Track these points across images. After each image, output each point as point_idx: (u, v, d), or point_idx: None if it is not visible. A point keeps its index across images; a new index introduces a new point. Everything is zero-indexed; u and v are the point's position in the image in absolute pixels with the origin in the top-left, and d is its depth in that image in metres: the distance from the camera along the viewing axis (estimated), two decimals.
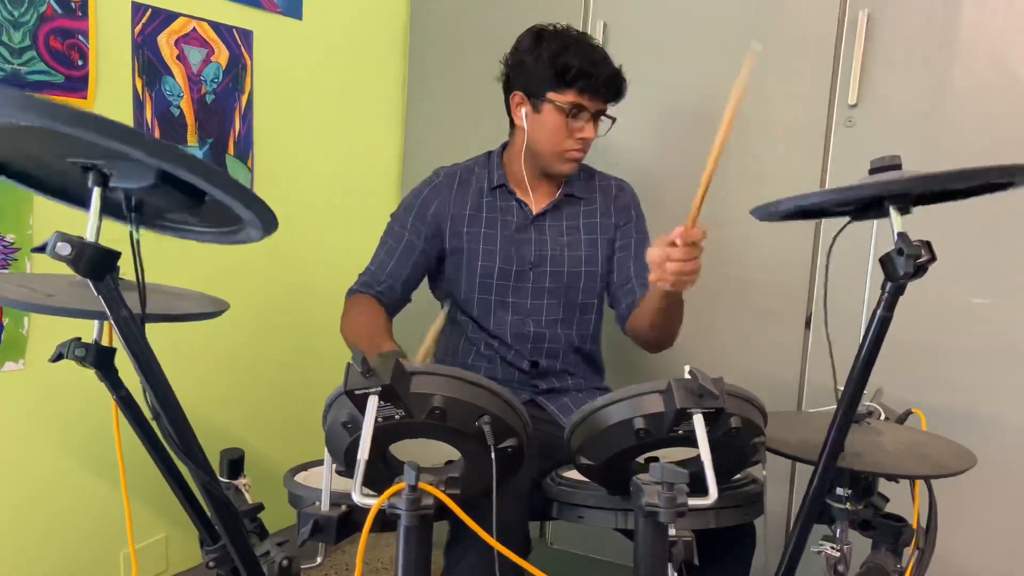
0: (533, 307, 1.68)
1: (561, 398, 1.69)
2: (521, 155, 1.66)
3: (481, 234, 1.67)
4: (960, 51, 1.75)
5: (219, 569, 1.19)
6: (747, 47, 1.94)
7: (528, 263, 1.67)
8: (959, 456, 1.25)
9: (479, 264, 1.66)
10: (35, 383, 1.63)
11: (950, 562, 1.75)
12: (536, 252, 1.67)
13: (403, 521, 0.91)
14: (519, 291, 1.68)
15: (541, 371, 1.69)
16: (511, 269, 1.66)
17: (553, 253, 1.68)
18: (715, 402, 1.02)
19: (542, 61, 1.57)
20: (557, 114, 1.58)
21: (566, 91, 1.57)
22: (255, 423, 2.15)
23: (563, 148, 1.61)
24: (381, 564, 2.33)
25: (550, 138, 1.60)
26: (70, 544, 1.73)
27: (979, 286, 1.76)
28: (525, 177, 1.69)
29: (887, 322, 1.06)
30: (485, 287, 1.67)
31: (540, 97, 1.59)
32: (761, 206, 1.15)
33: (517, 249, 1.67)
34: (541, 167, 1.66)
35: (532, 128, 1.61)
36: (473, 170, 1.73)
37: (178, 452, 1.03)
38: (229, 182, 0.90)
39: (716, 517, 1.19)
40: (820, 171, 1.90)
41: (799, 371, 1.95)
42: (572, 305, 1.71)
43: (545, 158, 1.64)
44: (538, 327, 1.68)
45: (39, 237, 1.57)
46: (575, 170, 1.67)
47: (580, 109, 1.58)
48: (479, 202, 1.68)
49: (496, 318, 1.67)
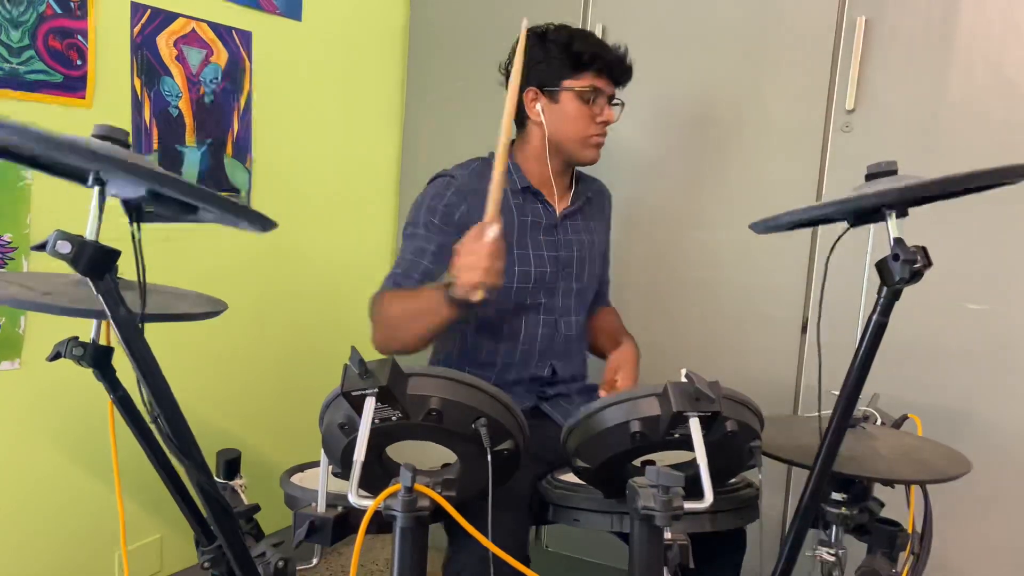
0: (564, 308, 1.68)
1: (562, 404, 1.68)
2: (542, 153, 1.64)
3: (513, 239, 1.61)
4: (957, 56, 1.76)
5: (214, 570, 1.19)
6: (745, 52, 1.96)
7: (560, 265, 1.66)
8: (954, 461, 1.26)
9: (515, 270, 1.61)
10: (31, 382, 1.63)
11: (945, 567, 1.76)
12: (564, 253, 1.67)
13: (399, 523, 0.91)
14: (551, 293, 1.66)
15: (557, 378, 1.68)
16: (545, 272, 1.64)
17: (579, 254, 1.69)
18: (711, 406, 1.02)
19: (553, 53, 1.58)
20: (576, 101, 1.59)
21: (582, 76, 1.58)
22: (252, 424, 2.15)
23: (587, 134, 1.61)
24: (376, 566, 2.33)
25: (573, 126, 1.60)
26: (65, 544, 1.73)
27: (975, 292, 1.76)
28: (551, 176, 1.67)
29: (883, 327, 1.06)
30: (520, 292, 1.62)
31: (556, 87, 1.59)
32: (760, 221, 1.15)
33: (547, 251, 1.65)
34: (566, 158, 1.65)
35: (552, 120, 1.61)
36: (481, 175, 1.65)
37: (175, 452, 1.03)
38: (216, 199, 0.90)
39: (712, 521, 1.20)
40: (817, 176, 1.90)
41: (795, 375, 1.95)
42: (585, 305, 1.73)
43: (570, 147, 1.63)
44: (568, 329, 1.68)
45: (36, 236, 1.57)
46: (598, 158, 1.66)
47: (597, 92, 1.59)
48: (508, 205, 1.62)
49: (528, 322, 1.64)
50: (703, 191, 2.03)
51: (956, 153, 1.75)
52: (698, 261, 2.03)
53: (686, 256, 2.05)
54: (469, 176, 1.63)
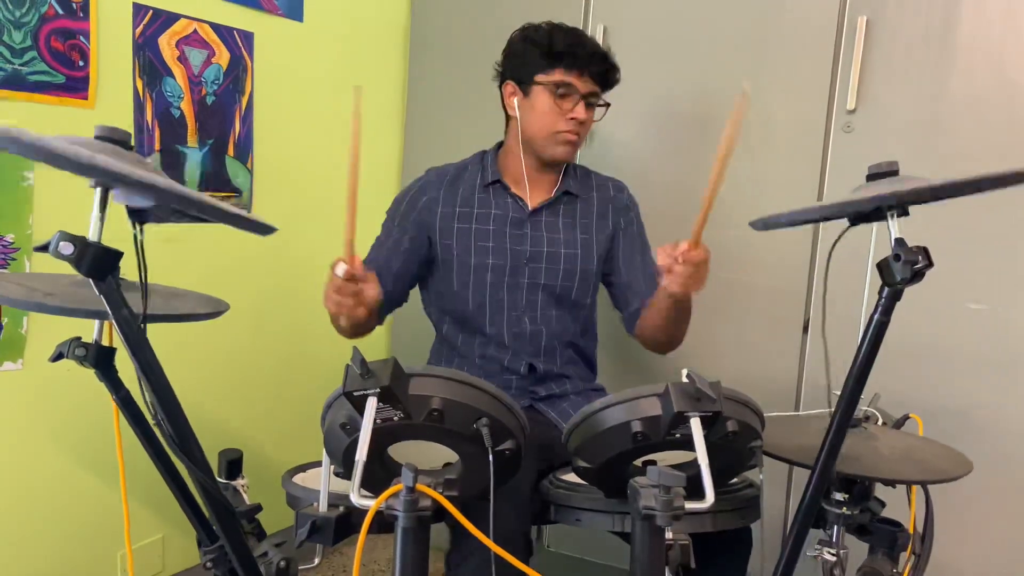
0: (528, 303, 1.68)
1: (560, 404, 1.69)
2: (517, 148, 1.66)
3: (472, 230, 1.66)
4: (958, 57, 1.76)
5: (216, 570, 1.19)
6: (746, 52, 1.96)
7: (524, 259, 1.66)
8: (956, 461, 1.26)
9: (472, 261, 1.65)
10: (33, 383, 1.63)
11: (946, 567, 1.76)
12: (532, 248, 1.67)
13: (400, 522, 0.91)
14: (513, 287, 1.66)
15: (539, 376, 1.68)
16: (505, 265, 1.65)
17: (549, 250, 1.68)
18: (712, 406, 1.02)
19: (530, 47, 1.61)
20: (546, 95, 1.60)
21: (552, 71, 1.59)
22: (254, 424, 2.15)
23: (555, 129, 1.61)
24: (378, 566, 2.33)
25: (541, 120, 1.61)
26: (67, 544, 1.73)
27: (977, 291, 1.76)
28: (524, 171, 1.68)
29: (884, 327, 1.06)
30: (479, 284, 1.65)
31: (529, 81, 1.61)
32: (759, 219, 1.16)
33: (511, 245, 1.66)
34: (536, 154, 1.66)
35: (524, 114, 1.63)
36: (466, 168, 1.73)
37: (177, 452, 1.03)
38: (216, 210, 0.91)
39: (713, 521, 1.20)
40: (819, 176, 1.90)
41: (796, 375, 1.95)
42: (565, 303, 1.70)
43: (538, 142, 1.64)
44: (534, 324, 1.67)
45: (39, 236, 1.58)
46: (571, 155, 1.66)
47: (568, 89, 1.59)
48: (471, 199, 1.68)
49: (492, 317, 1.66)
50: (703, 191, 2.02)
51: (957, 153, 1.75)
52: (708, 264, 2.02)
53: None
54: (452, 168, 1.72)
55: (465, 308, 1.67)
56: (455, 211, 1.67)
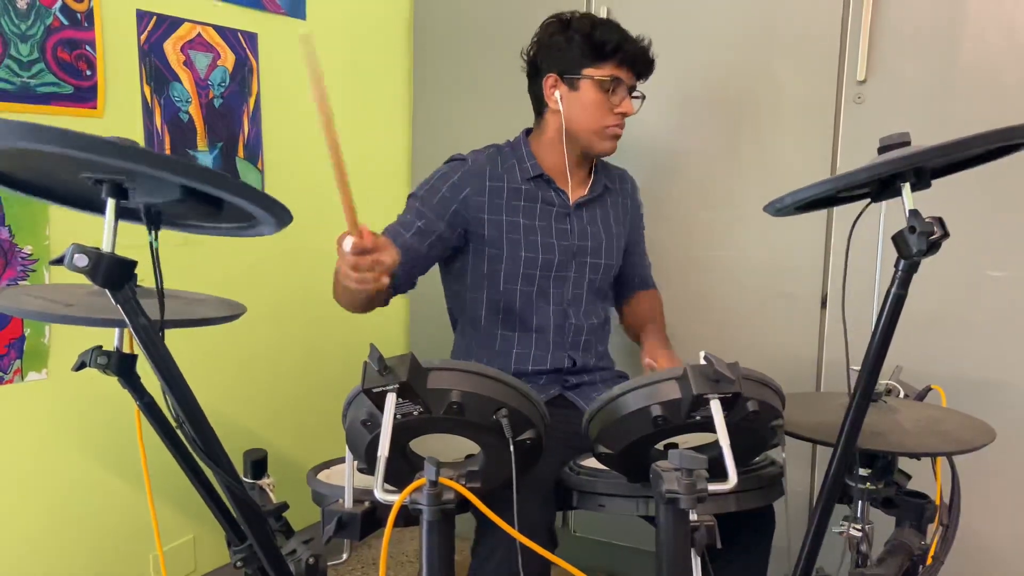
0: (574, 298, 1.68)
1: (588, 392, 1.69)
2: (559, 141, 1.64)
3: (521, 224, 1.63)
4: (969, 23, 1.73)
5: (247, 568, 1.21)
6: (753, 26, 1.94)
7: (571, 252, 1.67)
8: (979, 431, 1.25)
9: (522, 255, 1.62)
10: (58, 392, 1.65)
11: (973, 537, 1.75)
12: (578, 242, 1.67)
13: (425, 516, 0.92)
14: (560, 282, 1.66)
15: (577, 368, 1.69)
16: (553, 259, 1.64)
17: (593, 244, 1.69)
18: (731, 387, 1.02)
19: (575, 39, 1.58)
20: (596, 90, 1.58)
21: (603, 65, 1.58)
22: (276, 423, 2.17)
23: (604, 124, 1.60)
24: (406, 557, 2.35)
25: (591, 115, 1.60)
26: (99, 547, 1.76)
27: (996, 259, 1.74)
28: (566, 164, 1.66)
29: (902, 300, 1.05)
30: (528, 278, 1.63)
31: (576, 74, 1.59)
32: (770, 203, 1.15)
33: (558, 239, 1.65)
34: (582, 148, 1.65)
35: (570, 108, 1.61)
36: (501, 160, 1.68)
37: (201, 455, 1.04)
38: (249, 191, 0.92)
39: (736, 501, 1.19)
40: (831, 150, 1.88)
41: (816, 351, 1.94)
42: (601, 295, 1.73)
43: (586, 137, 1.62)
44: (578, 319, 1.68)
45: (56, 247, 1.59)
46: (615, 149, 1.66)
47: (618, 83, 1.58)
48: (517, 192, 1.64)
49: (539, 310, 1.65)
50: (717, 170, 2.01)
51: (970, 121, 1.72)
52: (715, 241, 2.02)
53: (702, 237, 2.03)
54: (484, 160, 1.67)
55: (512, 302, 1.65)
56: (502, 204, 1.63)
